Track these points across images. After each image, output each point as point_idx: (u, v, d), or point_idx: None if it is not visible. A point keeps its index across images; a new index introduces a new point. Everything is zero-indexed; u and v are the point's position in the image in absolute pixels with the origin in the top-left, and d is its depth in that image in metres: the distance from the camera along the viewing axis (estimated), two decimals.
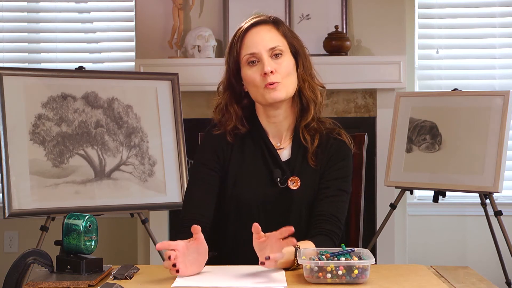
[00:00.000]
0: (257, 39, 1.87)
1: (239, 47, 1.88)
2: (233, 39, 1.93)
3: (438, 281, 1.61)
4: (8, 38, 4.11)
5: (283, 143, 1.95)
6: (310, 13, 3.69)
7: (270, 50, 1.86)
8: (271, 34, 1.89)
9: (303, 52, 1.93)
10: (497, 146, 3.02)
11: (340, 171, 1.93)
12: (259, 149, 1.93)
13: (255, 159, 1.93)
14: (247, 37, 1.88)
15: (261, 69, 1.85)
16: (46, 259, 1.62)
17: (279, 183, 1.89)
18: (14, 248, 4.08)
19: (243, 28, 1.92)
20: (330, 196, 1.90)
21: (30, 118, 2.92)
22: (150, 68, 3.53)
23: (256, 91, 1.88)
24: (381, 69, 3.54)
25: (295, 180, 1.90)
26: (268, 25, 1.90)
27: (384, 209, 3.38)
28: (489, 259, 3.70)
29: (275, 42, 1.87)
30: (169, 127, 3.15)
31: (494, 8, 3.97)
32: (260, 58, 1.86)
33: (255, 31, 1.89)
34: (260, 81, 1.85)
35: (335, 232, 1.85)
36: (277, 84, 1.84)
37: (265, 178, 1.91)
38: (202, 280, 1.59)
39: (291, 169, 1.91)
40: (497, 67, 3.98)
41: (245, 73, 1.88)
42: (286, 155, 1.94)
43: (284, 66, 1.87)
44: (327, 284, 1.54)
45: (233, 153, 1.94)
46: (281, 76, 1.86)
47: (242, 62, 1.88)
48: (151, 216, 3.49)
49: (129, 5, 4.03)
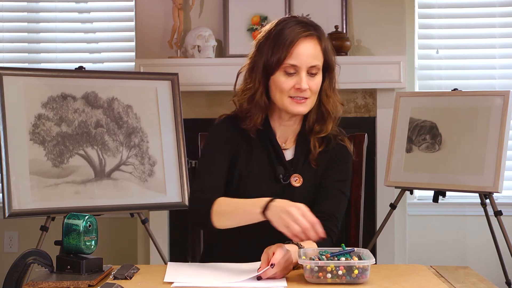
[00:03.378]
0: (304, 54, 1.87)
1: (285, 55, 1.86)
2: (281, 38, 1.88)
3: (438, 281, 1.61)
4: (8, 38, 4.11)
5: (288, 143, 1.99)
6: (310, 13, 3.65)
7: (310, 67, 1.88)
8: (316, 51, 1.89)
9: (333, 68, 1.96)
10: (497, 146, 3.02)
11: (340, 173, 1.98)
12: (265, 147, 1.96)
13: (261, 156, 1.96)
14: (296, 47, 1.87)
15: (295, 81, 1.87)
16: (46, 259, 1.62)
17: (282, 180, 1.92)
18: (14, 248, 4.08)
19: (294, 35, 1.88)
20: (330, 196, 1.94)
21: (30, 118, 2.92)
22: (150, 68, 3.53)
23: (281, 97, 1.90)
24: (381, 69, 3.54)
25: (297, 177, 1.94)
26: (315, 39, 1.90)
27: (384, 209, 3.38)
28: (489, 259, 3.70)
29: (316, 61, 1.89)
30: (169, 127, 3.15)
31: (494, 8, 3.97)
32: (298, 72, 1.87)
33: (304, 44, 1.88)
34: (290, 91, 1.88)
35: (333, 231, 1.88)
36: (305, 100, 1.89)
37: (269, 175, 1.95)
38: (202, 280, 1.60)
39: (294, 168, 1.95)
40: (497, 67, 3.98)
41: (278, 78, 1.89)
42: (289, 155, 1.98)
43: (316, 84, 1.90)
44: (327, 284, 1.54)
45: (241, 146, 1.97)
46: (311, 93, 1.90)
47: (281, 67, 1.88)
48: (151, 216, 3.49)
49: (129, 5, 4.03)
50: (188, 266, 1.76)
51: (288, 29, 1.88)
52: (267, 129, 1.97)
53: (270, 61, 1.88)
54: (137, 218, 3.19)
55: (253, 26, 3.68)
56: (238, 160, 1.96)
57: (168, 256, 3.56)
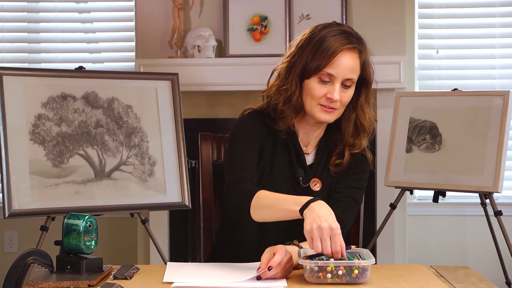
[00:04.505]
0: (343, 65, 1.86)
1: (325, 63, 1.85)
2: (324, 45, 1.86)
3: (438, 281, 1.61)
4: (8, 38, 4.11)
5: (309, 148, 2.00)
6: (310, 13, 3.69)
7: (346, 80, 1.87)
8: (354, 65, 1.88)
9: (370, 83, 1.96)
10: (497, 146, 3.01)
11: (356, 181, 1.99)
12: (287, 149, 1.97)
13: (283, 157, 1.97)
14: (337, 58, 1.85)
15: (328, 90, 1.86)
16: (46, 259, 1.62)
17: (302, 183, 1.94)
18: (14, 248, 4.08)
19: (338, 46, 1.86)
20: (342, 201, 1.94)
21: (30, 118, 2.92)
22: (150, 68, 3.53)
23: (311, 102, 1.89)
24: (381, 69, 3.50)
25: (317, 182, 1.96)
26: (356, 53, 1.89)
27: (384, 209, 3.38)
28: (489, 259, 3.70)
29: (352, 74, 1.88)
30: (169, 127, 3.15)
31: (494, 8, 3.97)
32: (333, 81, 1.86)
33: (346, 56, 1.87)
34: (321, 99, 1.88)
35: None
36: (334, 111, 1.89)
37: (289, 177, 1.96)
38: (202, 280, 1.60)
39: (314, 172, 1.96)
40: (497, 67, 3.98)
41: (312, 84, 1.88)
42: (310, 160, 1.99)
43: (347, 97, 1.90)
44: (327, 284, 1.54)
45: (267, 142, 1.96)
46: (341, 105, 1.89)
47: (318, 73, 1.87)
48: (151, 216, 3.49)
49: (129, 5, 4.03)
50: (188, 266, 1.76)
51: (332, 38, 1.87)
52: (291, 130, 1.97)
53: (309, 66, 1.87)
54: (137, 218, 3.19)
55: (253, 26, 3.68)
56: (263, 157, 1.96)
57: (168, 256, 3.56)
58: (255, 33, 3.68)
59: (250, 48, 3.64)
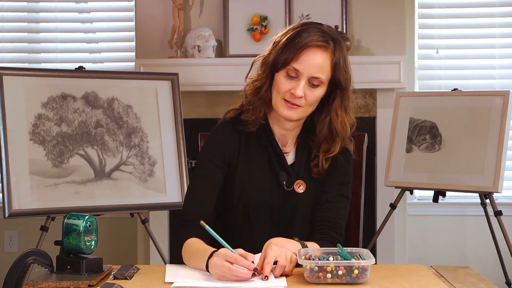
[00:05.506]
0: (309, 62, 1.83)
1: (292, 57, 1.83)
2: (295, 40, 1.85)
3: (438, 281, 1.61)
4: (8, 38, 4.11)
5: (288, 147, 1.97)
6: (310, 13, 3.69)
7: (312, 78, 1.84)
8: (323, 64, 1.84)
9: (346, 86, 1.91)
10: (497, 146, 3.02)
11: (341, 177, 1.96)
12: (265, 151, 1.94)
13: (261, 161, 1.94)
14: (304, 53, 1.83)
15: (293, 86, 1.84)
16: (46, 259, 1.62)
17: (285, 187, 1.91)
18: (14, 248, 4.08)
19: (307, 41, 1.83)
20: (333, 201, 1.93)
21: (30, 118, 2.92)
22: (150, 68, 3.53)
23: (276, 96, 1.87)
24: (381, 69, 3.54)
25: (301, 184, 1.93)
26: (327, 52, 1.85)
27: (384, 209, 3.38)
28: (489, 259, 3.70)
29: (320, 73, 1.84)
30: (169, 127, 3.15)
31: (494, 8, 3.97)
32: (299, 77, 1.84)
33: (313, 53, 1.83)
34: (285, 94, 1.85)
35: (338, 239, 1.88)
36: (297, 107, 1.85)
37: (272, 181, 1.93)
38: (202, 280, 1.60)
39: (296, 173, 1.93)
40: (497, 67, 3.98)
41: (279, 78, 1.86)
42: (290, 159, 1.96)
43: (313, 96, 1.85)
44: (327, 284, 1.54)
45: (240, 152, 1.94)
46: (306, 103, 1.85)
47: (285, 68, 1.85)
48: (151, 216, 3.49)
49: (129, 5, 4.03)
50: (187, 267, 1.76)
51: (306, 33, 1.84)
52: (266, 130, 1.94)
53: (279, 59, 1.85)
54: (137, 218, 3.19)
55: (253, 26, 3.68)
56: (238, 168, 1.93)
57: (168, 256, 3.56)
58: (255, 33, 3.68)
59: (250, 48, 3.64)
